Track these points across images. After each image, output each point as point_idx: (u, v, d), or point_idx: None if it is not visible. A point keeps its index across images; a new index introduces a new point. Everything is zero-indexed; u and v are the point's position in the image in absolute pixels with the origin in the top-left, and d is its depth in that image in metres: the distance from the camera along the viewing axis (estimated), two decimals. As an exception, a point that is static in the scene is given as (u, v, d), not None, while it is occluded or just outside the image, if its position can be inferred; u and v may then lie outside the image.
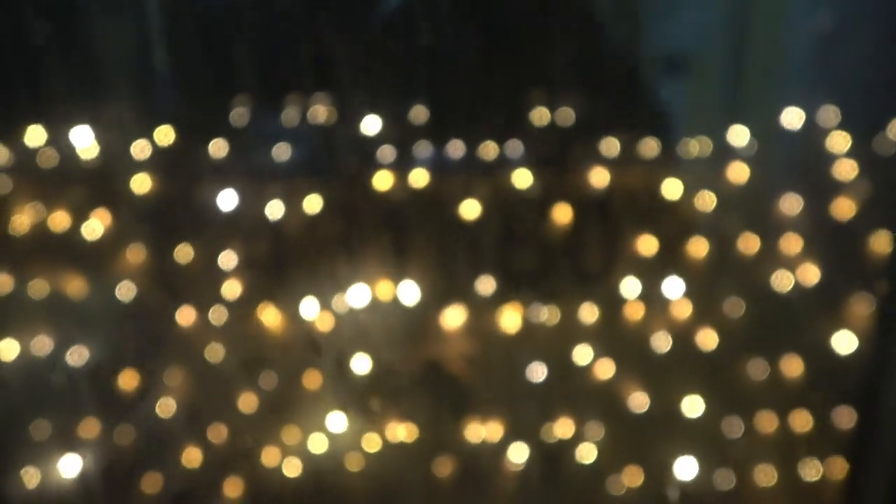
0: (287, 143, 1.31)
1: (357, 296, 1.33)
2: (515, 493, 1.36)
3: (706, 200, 1.31)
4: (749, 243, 1.31)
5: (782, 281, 1.31)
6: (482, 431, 1.35)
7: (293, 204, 1.32)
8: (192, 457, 1.38)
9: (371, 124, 1.29)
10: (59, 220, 1.36)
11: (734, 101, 1.29)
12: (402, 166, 1.30)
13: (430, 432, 1.35)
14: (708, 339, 1.33)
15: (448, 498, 1.35)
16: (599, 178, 1.31)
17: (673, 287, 1.32)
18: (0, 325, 1.37)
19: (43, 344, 1.36)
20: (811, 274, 1.30)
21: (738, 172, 1.30)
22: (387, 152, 1.30)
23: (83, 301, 1.37)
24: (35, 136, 1.33)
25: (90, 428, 1.38)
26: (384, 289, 1.33)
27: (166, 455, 1.39)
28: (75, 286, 1.36)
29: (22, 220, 1.36)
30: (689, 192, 1.31)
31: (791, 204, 1.30)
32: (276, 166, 1.31)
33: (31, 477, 1.37)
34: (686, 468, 1.36)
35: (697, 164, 1.30)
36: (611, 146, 1.29)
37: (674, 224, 1.31)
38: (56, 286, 1.37)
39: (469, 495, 1.36)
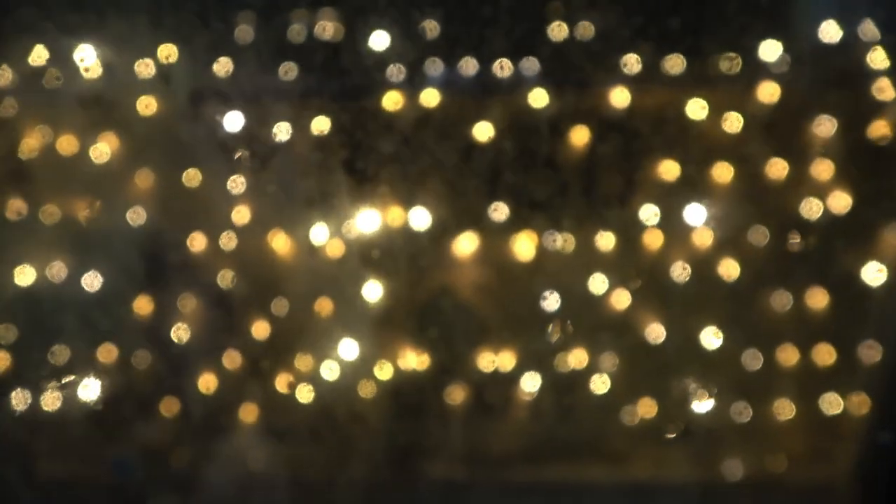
0: (293, 61, 1.05)
1: (367, 222, 1.08)
2: (528, 423, 1.12)
3: (733, 122, 1.03)
4: (777, 169, 1.03)
5: (811, 209, 1.04)
6: (494, 360, 1.11)
7: (301, 126, 1.06)
8: (207, 383, 1.15)
9: (379, 40, 1.02)
10: (67, 144, 1.12)
11: (766, 13, 1.00)
12: (411, 85, 1.04)
13: (442, 361, 1.10)
14: (730, 269, 1.06)
15: (460, 426, 1.13)
16: (620, 97, 1.03)
17: (694, 214, 1.05)
18: (15, 250, 1.14)
19: (58, 269, 1.13)
20: (842, 202, 1.04)
21: (769, 92, 1.01)
22: (396, 71, 1.04)
23: (95, 227, 1.13)
24: (39, 55, 1.08)
25: (107, 353, 1.16)
26: (394, 215, 1.08)
27: (183, 381, 1.16)
28: (86, 212, 1.13)
29: (30, 144, 1.12)
30: (716, 113, 1.03)
31: (824, 127, 1.01)
32: (283, 85, 1.06)
33: (52, 400, 1.15)
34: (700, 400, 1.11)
35: (725, 83, 1.02)
36: (633, 63, 1.00)
37: (698, 147, 1.04)
38: (67, 212, 1.13)
39: (481, 424, 1.13)
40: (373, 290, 1.23)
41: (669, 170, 1.15)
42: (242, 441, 1.31)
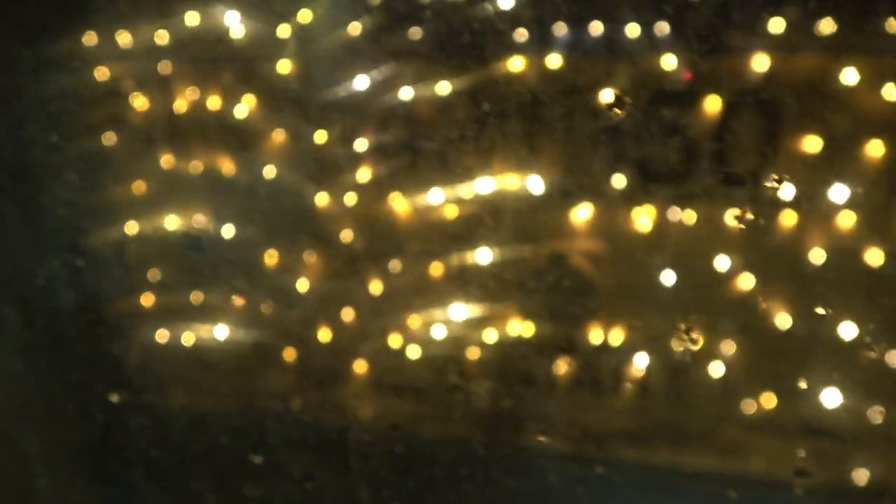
0: (420, 23, 0.93)
1: (483, 186, 0.94)
2: (635, 402, 0.95)
3: (891, 93, 0.80)
4: None
5: None
6: (604, 334, 0.94)
7: (424, 87, 0.94)
8: (325, 334, 1.07)
9: (505, 2, 0.88)
10: (212, 103, 1.06)
11: None
12: (537, 48, 0.89)
13: (549, 330, 0.95)
14: (873, 256, 0.83)
15: (565, 398, 0.99)
16: (760, 63, 0.83)
17: (837, 194, 0.84)
18: (164, 199, 1.11)
19: (199, 219, 1.08)
20: None
21: None
22: (521, 33, 0.89)
23: (233, 180, 1.07)
24: (191, 18, 1.03)
25: (238, 300, 1.10)
26: (511, 180, 0.93)
27: (302, 331, 1.08)
28: (226, 166, 1.07)
29: (181, 102, 1.08)
30: (871, 83, 0.81)
31: None
32: (409, 47, 0.94)
33: (188, 338, 1.11)
34: (830, 396, 0.89)
35: (884, 47, 0.79)
36: (777, 25, 0.81)
37: (847, 120, 0.82)
38: (210, 165, 1.08)
39: (587, 398, 0.97)
40: (485, 255, 1.09)
41: (811, 144, 0.94)
42: (353, 392, 1.22)
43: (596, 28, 1.00)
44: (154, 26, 1.18)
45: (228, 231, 1.25)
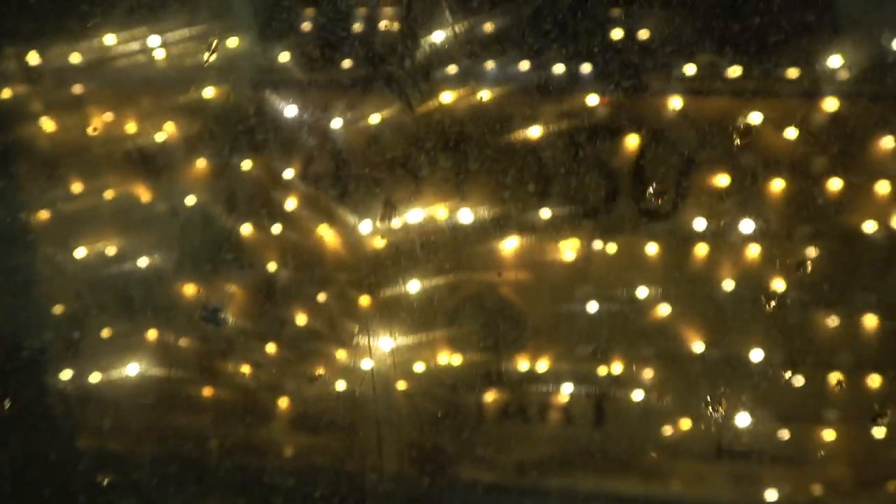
0: (350, 54, 0.92)
1: (412, 217, 0.94)
2: (561, 427, 0.96)
3: (792, 135, 0.87)
4: (835, 186, 0.87)
5: (870, 228, 0.87)
6: (530, 363, 0.95)
7: (354, 118, 0.93)
8: (248, 369, 1.02)
9: (436, 37, 0.89)
10: (129, 128, 1.01)
11: (838, 23, 0.85)
12: (466, 83, 0.90)
13: (478, 360, 0.95)
14: (776, 285, 0.89)
15: (492, 426, 0.98)
16: (675, 104, 0.88)
17: (743, 227, 0.89)
18: (72, 229, 1.03)
19: (111, 250, 1.02)
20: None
21: (830, 105, 0.85)
22: (450, 68, 0.90)
23: (150, 210, 1.02)
24: (107, 40, 0.98)
25: (151, 334, 1.03)
26: (440, 212, 0.93)
27: (223, 367, 1.03)
28: (144, 195, 1.02)
29: (94, 126, 1.02)
30: (774, 124, 0.87)
31: (886, 145, 0.85)
32: (340, 77, 0.93)
33: (94, 376, 1.03)
34: (739, 418, 0.94)
35: (785, 91, 0.86)
36: (691, 69, 0.86)
37: (752, 159, 0.88)
38: (124, 194, 1.02)
39: (513, 425, 0.98)
40: (413, 287, 1.09)
41: (721, 181, 0.99)
42: (278, 428, 1.17)
43: (524, 66, 1.03)
44: (69, 47, 1.12)
45: (144, 261, 1.18)
